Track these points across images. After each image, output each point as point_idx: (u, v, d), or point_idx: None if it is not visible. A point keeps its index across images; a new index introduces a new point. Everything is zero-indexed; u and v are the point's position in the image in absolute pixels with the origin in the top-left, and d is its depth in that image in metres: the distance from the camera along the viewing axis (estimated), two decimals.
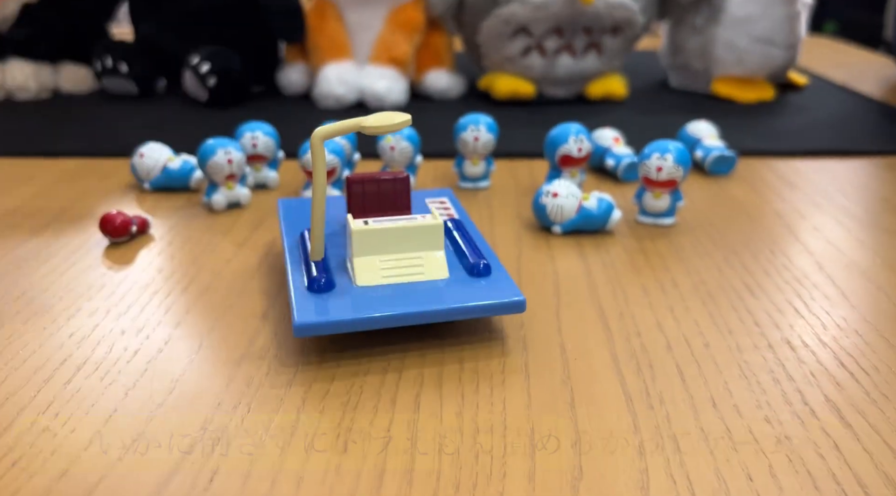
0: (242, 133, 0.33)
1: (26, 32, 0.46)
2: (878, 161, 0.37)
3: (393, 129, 0.21)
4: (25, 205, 0.31)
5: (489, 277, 0.22)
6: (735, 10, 0.47)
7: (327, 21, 0.47)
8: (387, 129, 0.21)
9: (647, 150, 0.29)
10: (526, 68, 0.47)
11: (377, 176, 0.23)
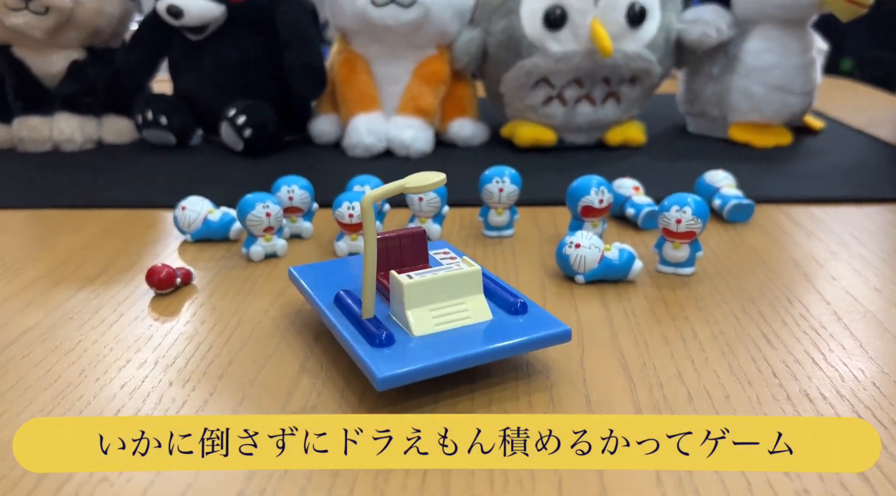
0: (279, 186, 0.35)
1: (73, 88, 0.49)
2: (893, 208, 0.38)
3: (431, 188, 0.22)
4: (75, 256, 0.33)
5: (528, 314, 0.23)
6: (750, 59, 0.48)
7: (357, 74, 0.49)
8: (426, 189, 0.22)
9: (667, 203, 0.30)
10: (547, 117, 0.48)
11: (398, 233, 0.25)
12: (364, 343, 0.22)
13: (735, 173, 0.40)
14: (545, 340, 0.22)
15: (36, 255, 0.33)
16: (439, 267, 0.24)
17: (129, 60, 0.50)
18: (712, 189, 0.37)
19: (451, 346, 0.21)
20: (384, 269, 0.25)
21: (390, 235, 0.25)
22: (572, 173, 0.44)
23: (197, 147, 0.51)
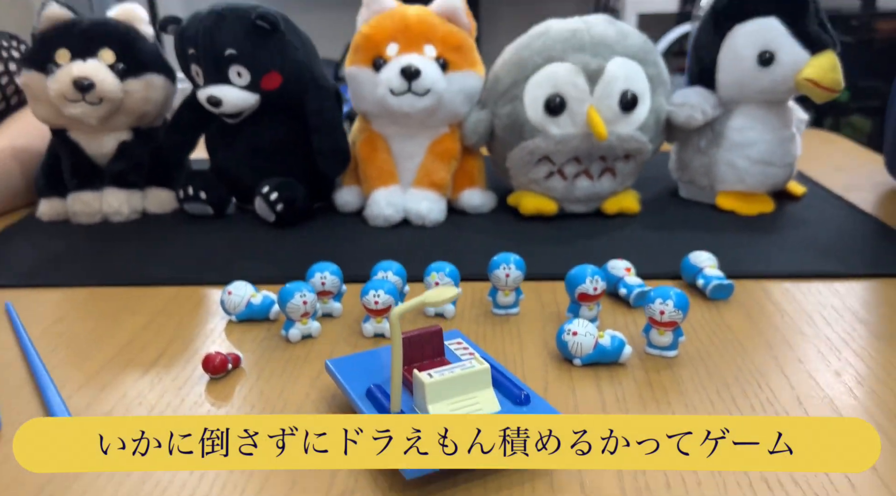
0: (313, 273, 0.39)
1: (121, 166, 0.53)
2: (863, 283, 0.42)
3: (448, 302, 0.26)
4: (137, 337, 0.37)
5: (530, 405, 0.27)
6: (734, 135, 0.52)
7: (377, 152, 0.53)
8: (444, 303, 0.26)
9: (652, 295, 0.34)
10: (549, 189, 0.52)
11: (419, 333, 0.29)
12: None
13: (720, 244, 0.44)
14: None
15: (103, 337, 0.38)
16: (455, 363, 0.28)
17: (171, 140, 0.55)
18: (696, 269, 0.41)
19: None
20: (407, 363, 0.29)
21: (413, 335, 0.29)
22: (573, 244, 0.48)
23: (231, 216, 0.55)
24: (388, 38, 0.50)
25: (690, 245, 0.46)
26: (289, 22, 0.51)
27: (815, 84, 0.48)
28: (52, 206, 0.54)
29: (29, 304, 0.41)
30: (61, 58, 0.50)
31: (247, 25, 0.49)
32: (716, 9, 0.50)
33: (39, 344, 0.37)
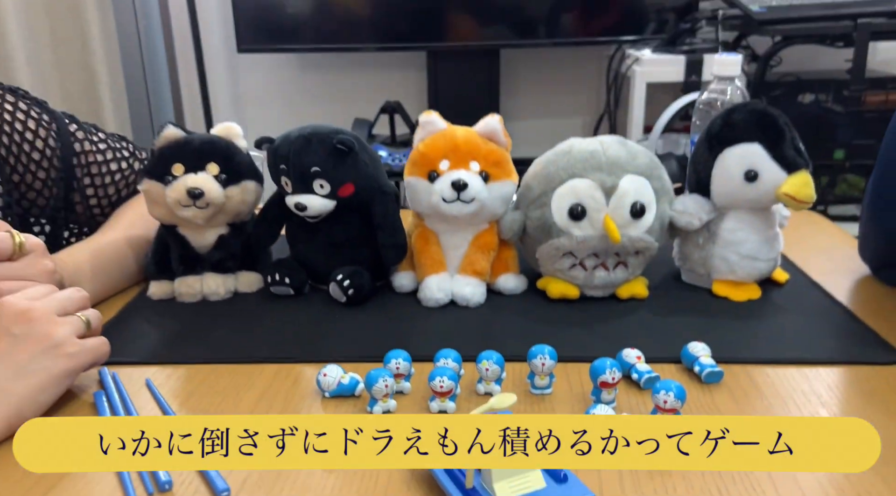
0: (389, 359, 0.49)
1: (219, 255, 0.64)
2: (827, 369, 0.51)
3: (509, 406, 0.36)
4: (254, 410, 0.47)
5: (568, 482, 0.37)
6: (727, 234, 0.62)
7: (429, 245, 0.63)
8: (506, 407, 0.36)
9: (657, 387, 0.43)
10: (572, 277, 0.62)
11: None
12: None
13: (714, 328, 0.53)
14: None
15: (228, 410, 0.48)
16: None
17: (259, 232, 0.65)
18: (693, 357, 0.51)
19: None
20: None
21: None
22: (593, 328, 0.58)
23: (307, 295, 0.66)
24: (441, 156, 0.61)
25: (691, 328, 0.56)
26: (360, 141, 0.62)
27: (792, 198, 0.58)
28: (160, 287, 0.65)
29: (163, 381, 0.52)
30: (176, 170, 0.61)
31: (329, 148, 0.59)
32: (710, 134, 0.61)
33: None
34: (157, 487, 0.40)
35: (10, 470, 0.42)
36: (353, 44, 1.77)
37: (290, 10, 1.72)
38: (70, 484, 0.41)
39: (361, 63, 1.92)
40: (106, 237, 0.65)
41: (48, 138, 0.66)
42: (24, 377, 0.45)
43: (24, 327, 0.45)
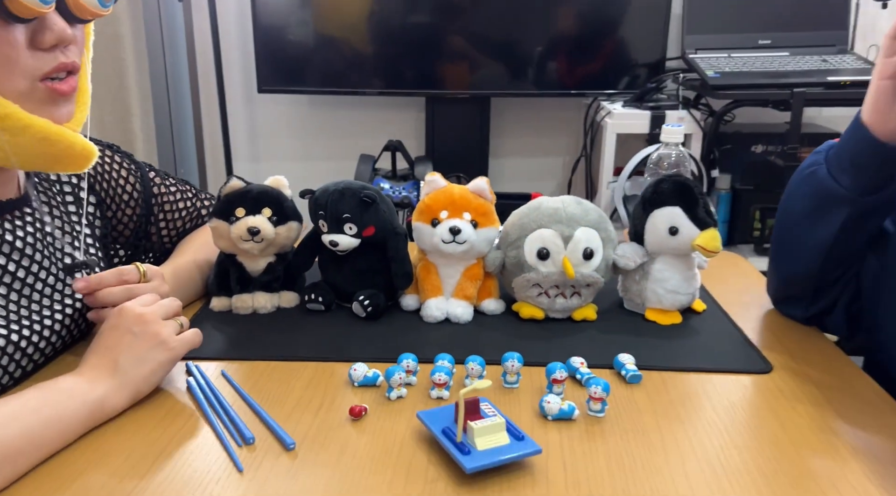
0: (402, 359, 0.66)
1: (268, 278, 0.81)
2: (721, 376, 0.69)
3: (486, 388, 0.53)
4: (304, 394, 0.64)
5: (524, 441, 0.54)
6: (656, 273, 0.80)
7: (430, 275, 0.81)
8: (483, 391, 0.54)
9: (591, 382, 0.61)
10: (538, 303, 0.80)
11: (466, 401, 0.56)
12: (457, 451, 0.53)
13: (642, 345, 0.71)
14: (530, 454, 0.53)
15: (284, 394, 0.64)
16: (486, 417, 0.55)
17: (297, 260, 0.83)
18: (622, 364, 0.68)
19: (493, 454, 0.52)
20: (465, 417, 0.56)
21: (467, 401, 0.56)
22: (552, 341, 0.75)
23: (335, 311, 0.83)
24: (441, 208, 0.79)
25: (624, 343, 0.73)
26: (380, 195, 0.80)
27: (703, 248, 0.76)
28: (221, 302, 0.82)
29: (233, 372, 0.69)
30: (239, 213, 0.78)
31: (357, 200, 0.77)
32: (644, 198, 0.79)
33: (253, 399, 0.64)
34: (244, 441, 0.57)
35: (139, 427, 0.59)
36: (361, 88, 1.96)
37: (305, 57, 1.91)
38: (181, 438, 0.58)
39: (367, 105, 2.11)
40: (179, 261, 0.82)
41: (136, 184, 0.84)
42: (142, 365, 0.61)
43: (141, 327, 0.62)
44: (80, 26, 0.63)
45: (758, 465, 0.55)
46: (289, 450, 0.56)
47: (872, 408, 0.64)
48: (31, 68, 0.58)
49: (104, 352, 0.61)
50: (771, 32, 1.80)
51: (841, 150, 0.70)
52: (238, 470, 0.54)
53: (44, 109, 0.60)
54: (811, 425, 0.61)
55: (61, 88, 0.60)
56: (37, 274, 0.67)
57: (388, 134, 1.91)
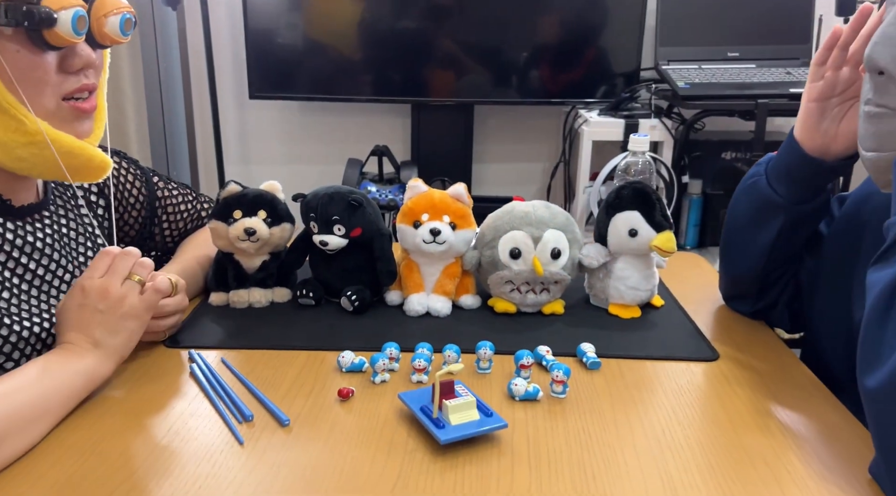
0: (385, 348, 0.73)
1: (262, 275, 0.88)
2: (672, 364, 0.76)
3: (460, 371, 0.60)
4: (297, 378, 0.71)
5: (492, 417, 0.61)
6: (618, 272, 0.87)
7: (412, 273, 0.88)
8: (457, 374, 0.61)
9: (554, 367, 0.68)
10: (511, 298, 0.87)
11: (442, 383, 0.63)
12: (433, 425, 0.60)
13: (604, 336, 0.78)
14: (497, 428, 0.60)
15: (280, 378, 0.71)
16: (459, 397, 0.62)
17: (290, 258, 0.89)
18: (583, 352, 0.76)
19: (464, 428, 0.59)
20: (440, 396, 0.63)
21: (442, 382, 0.63)
22: (523, 333, 0.83)
23: (325, 305, 0.90)
24: (422, 211, 0.86)
25: (587, 334, 0.81)
26: (367, 199, 0.86)
27: (659, 249, 0.84)
28: (218, 297, 0.88)
29: (232, 360, 0.75)
30: (236, 214, 0.85)
31: (345, 202, 0.84)
32: (607, 203, 0.86)
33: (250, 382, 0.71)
34: (243, 418, 0.64)
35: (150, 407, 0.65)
36: (349, 95, 2.03)
37: (295, 64, 1.97)
38: (187, 416, 0.64)
39: (355, 111, 2.17)
40: (183, 260, 0.89)
41: (142, 188, 0.90)
42: (117, 335, 0.66)
43: (105, 303, 0.65)
44: (100, 51, 0.69)
45: (697, 440, 0.63)
46: (284, 427, 0.63)
47: (805, 393, 0.72)
48: (59, 89, 0.65)
49: (80, 329, 0.65)
50: (739, 45, 1.89)
51: (777, 163, 0.78)
52: (239, 442, 0.60)
53: (68, 126, 0.67)
54: (748, 406, 0.68)
55: (84, 107, 0.67)
56: (55, 272, 0.73)
57: (375, 139, 1.98)
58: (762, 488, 0.56)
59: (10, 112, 0.62)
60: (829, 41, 0.72)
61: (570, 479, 0.56)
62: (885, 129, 0.61)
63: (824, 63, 0.72)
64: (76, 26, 0.62)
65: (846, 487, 0.56)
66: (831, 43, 0.71)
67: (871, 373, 0.55)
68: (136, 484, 0.55)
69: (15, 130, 0.63)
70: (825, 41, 0.72)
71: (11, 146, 0.63)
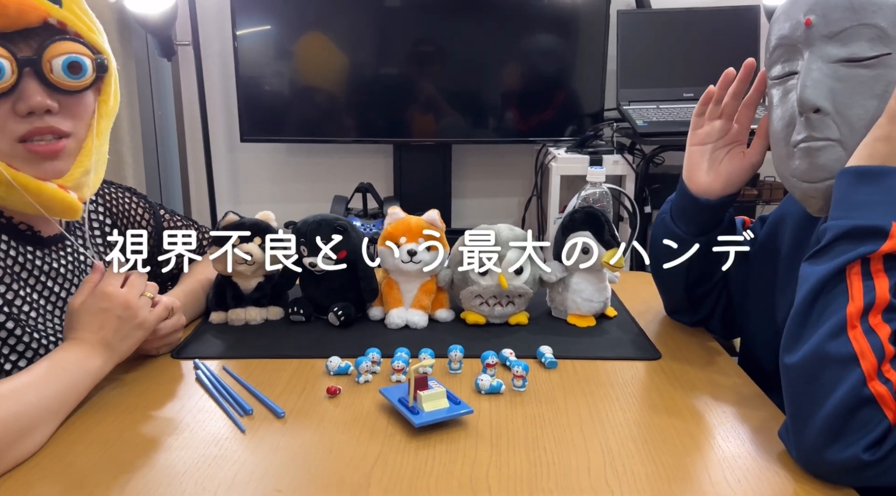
0: (368, 353, 0.83)
1: (258, 295, 0.98)
2: (618, 363, 0.87)
3: (430, 366, 0.71)
4: (291, 379, 0.80)
5: (459, 405, 0.71)
6: (574, 285, 0.98)
7: (393, 290, 0.98)
8: (428, 366, 0.71)
9: (513, 364, 0.79)
10: (481, 311, 0.98)
11: (417, 378, 0.73)
12: (408, 412, 0.69)
13: (562, 341, 0.89)
14: (464, 413, 0.70)
15: (275, 379, 0.80)
16: (431, 389, 0.72)
17: (282, 280, 1.00)
18: (542, 353, 0.86)
19: (435, 414, 0.69)
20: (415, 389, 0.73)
21: (417, 378, 0.73)
22: (490, 340, 0.93)
23: (313, 321, 0.99)
24: (401, 234, 0.97)
25: (546, 340, 0.91)
26: (352, 225, 0.97)
27: (608, 265, 0.95)
28: (218, 316, 0.98)
29: (232, 367, 0.85)
30: (234, 241, 0.95)
31: (331, 228, 0.95)
32: (563, 225, 0.98)
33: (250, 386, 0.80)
34: (244, 412, 0.73)
35: (161, 406, 0.74)
36: (335, 136, 2.16)
37: (284, 109, 2.10)
38: (195, 412, 0.73)
39: (340, 151, 2.30)
40: (187, 283, 0.99)
41: (150, 220, 1.00)
42: (125, 341, 0.75)
43: (126, 312, 0.74)
44: (72, 96, 0.72)
45: (635, 420, 0.73)
46: (280, 418, 0.72)
47: (735, 387, 0.82)
48: (11, 131, 0.69)
49: (96, 330, 0.72)
50: (693, 86, 2.04)
51: (675, 203, 0.91)
52: (241, 431, 0.70)
53: (27, 167, 0.70)
54: (683, 396, 0.79)
55: (37, 149, 0.70)
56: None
57: (359, 177, 2.10)
58: (685, 456, 0.66)
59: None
60: (705, 97, 0.86)
61: (525, 452, 0.66)
62: (825, 159, 0.68)
63: (703, 114, 0.86)
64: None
65: (756, 454, 0.66)
66: (707, 99, 0.86)
67: (791, 352, 0.64)
68: (156, 461, 0.64)
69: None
70: (702, 97, 0.87)
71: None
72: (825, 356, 0.61)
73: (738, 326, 0.97)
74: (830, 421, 0.60)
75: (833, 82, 0.69)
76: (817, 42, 0.70)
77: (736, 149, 0.86)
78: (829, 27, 0.69)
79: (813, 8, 0.70)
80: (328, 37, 2.06)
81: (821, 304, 0.63)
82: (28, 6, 0.67)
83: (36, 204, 0.72)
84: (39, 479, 0.61)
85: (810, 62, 0.70)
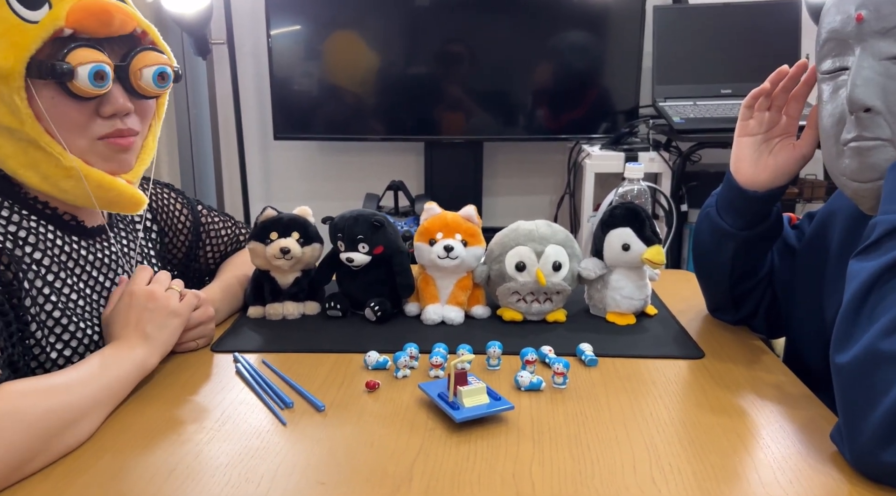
0: (406, 348, 0.83)
1: (295, 290, 0.98)
2: (661, 361, 0.85)
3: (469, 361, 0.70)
4: (330, 374, 0.81)
5: (500, 401, 0.70)
6: (613, 283, 0.97)
7: (429, 286, 0.98)
8: (467, 361, 0.70)
9: (554, 361, 0.78)
10: (518, 308, 0.97)
11: (457, 373, 0.72)
12: (449, 407, 0.69)
13: (602, 339, 0.87)
14: (505, 409, 0.69)
15: (314, 373, 0.81)
16: (471, 385, 0.72)
17: (320, 275, 1.00)
18: (582, 351, 0.85)
19: (476, 409, 0.69)
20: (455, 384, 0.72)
21: (456, 373, 0.73)
22: (528, 337, 0.92)
23: (350, 317, 1.00)
24: (437, 230, 0.96)
25: (586, 337, 0.90)
26: (388, 220, 0.97)
27: (650, 261, 0.94)
28: (256, 310, 0.99)
29: (271, 361, 0.85)
30: (272, 236, 0.96)
31: (369, 223, 0.95)
32: (602, 221, 0.97)
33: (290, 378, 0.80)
34: (284, 405, 0.73)
35: (202, 398, 0.75)
36: (366, 134, 2.17)
37: (316, 108, 2.12)
38: (237, 404, 0.74)
39: (372, 150, 2.31)
40: (224, 278, 1.00)
41: (188, 215, 1.02)
42: (163, 330, 0.77)
43: (153, 303, 0.77)
44: (146, 100, 0.78)
45: (680, 419, 0.71)
46: (320, 412, 0.72)
47: (781, 385, 0.80)
48: (94, 131, 0.73)
49: (132, 327, 0.74)
50: (731, 83, 2.01)
51: (721, 196, 0.89)
52: (282, 423, 0.70)
53: (105, 162, 0.75)
54: (728, 395, 0.77)
55: (119, 142, 0.75)
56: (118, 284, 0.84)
57: (390, 175, 2.11)
58: (733, 456, 0.65)
59: (46, 150, 0.72)
60: (757, 92, 0.85)
61: (568, 449, 0.65)
62: (876, 159, 0.67)
63: (752, 106, 0.84)
64: (93, 79, 0.68)
65: (807, 455, 0.64)
66: (759, 93, 0.85)
67: (842, 352, 0.62)
68: (201, 451, 0.64)
69: (56, 165, 0.73)
70: (754, 91, 0.85)
71: (55, 179, 0.73)
72: (878, 355, 0.59)
73: (782, 325, 0.95)
74: (886, 422, 0.58)
75: (885, 80, 0.66)
76: (869, 38, 0.68)
77: (786, 140, 0.85)
78: (881, 23, 0.67)
79: (865, 2, 0.68)
80: (360, 36, 2.07)
81: (872, 301, 0.61)
82: (128, 17, 0.72)
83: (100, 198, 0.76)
84: (87, 468, 0.62)
85: (861, 59, 0.68)
